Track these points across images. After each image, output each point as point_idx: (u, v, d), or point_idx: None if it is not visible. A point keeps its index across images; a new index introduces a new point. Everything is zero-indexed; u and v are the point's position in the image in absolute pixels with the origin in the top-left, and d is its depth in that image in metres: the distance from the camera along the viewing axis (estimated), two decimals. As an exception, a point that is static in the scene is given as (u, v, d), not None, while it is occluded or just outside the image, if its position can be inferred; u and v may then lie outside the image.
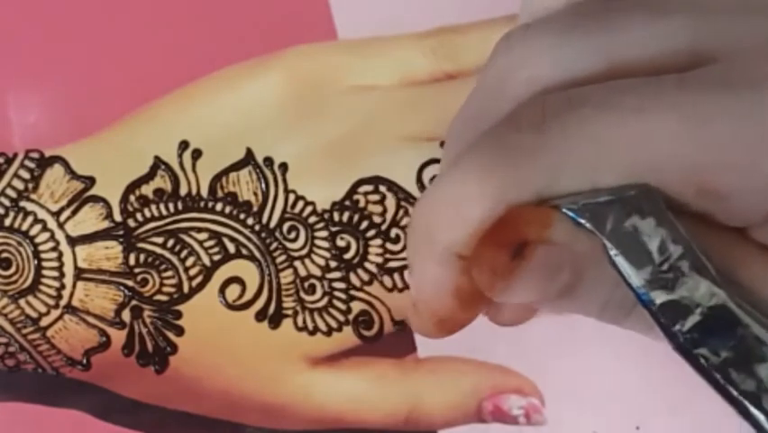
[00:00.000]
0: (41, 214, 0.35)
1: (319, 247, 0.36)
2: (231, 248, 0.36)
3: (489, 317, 0.28)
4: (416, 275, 0.26)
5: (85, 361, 0.35)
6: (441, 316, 0.27)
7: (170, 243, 0.35)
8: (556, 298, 0.25)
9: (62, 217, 0.35)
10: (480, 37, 0.39)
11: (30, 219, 0.35)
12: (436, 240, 0.25)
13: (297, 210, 0.36)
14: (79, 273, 0.35)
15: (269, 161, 0.36)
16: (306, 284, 0.36)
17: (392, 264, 0.36)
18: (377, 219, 0.36)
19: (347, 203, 0.36)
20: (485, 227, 0.24)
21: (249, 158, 0.36)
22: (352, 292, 0.36)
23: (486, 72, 0.26)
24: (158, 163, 0.36)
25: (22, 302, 0.35)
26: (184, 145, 0.36)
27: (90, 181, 0.35)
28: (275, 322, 0.36)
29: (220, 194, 0.36)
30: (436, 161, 0.36)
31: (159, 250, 0.35)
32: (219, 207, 0.36)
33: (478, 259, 0.25)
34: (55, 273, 0.35)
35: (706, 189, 0.23)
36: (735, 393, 0.23)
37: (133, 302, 0.35)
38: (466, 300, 0.26)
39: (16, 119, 0.40)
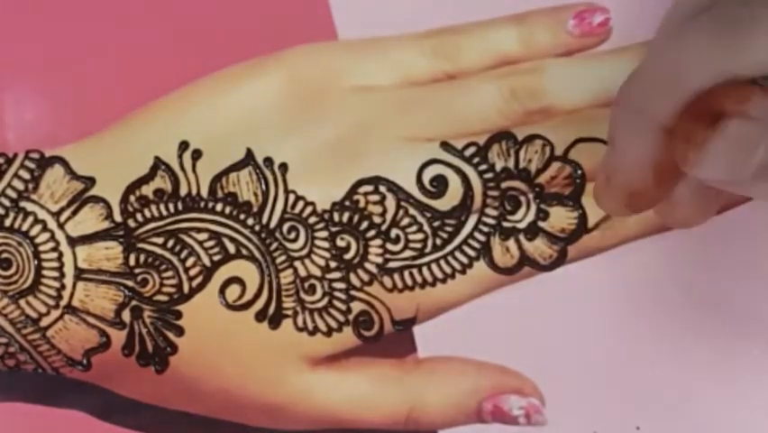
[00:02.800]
0: (42, 214, 0.35)
1: (319, 247, 0.36)
2: (231, 248, 0.36)
3: (662, 216, 0.29)
4: (618, 147, 0.27)
5: (85, 361, 0.35)
6: (635, 190, 0.27)
7: (170, 243, 0.35)
8: (751, 178, 0.25)
9: (62, 218, 0.35)
10: (480, 37, 0.39)
11: (30, 219, 0.35)
12: (647, 110, 0.26)
13: (297, 210, 0.36)
14: (79, 274, 0.35)
15: (269, 161, 0.36)
16: (306, 284, 0.36)
17: (392, 264, 0.36)
18: (377, 219, 0.36)
19: (347, 203, 0.36)
20: (693, 98, 0.25)
21: (249, 158, 0.36)
22: (352, 292, 0.36)
23: None
24: (158, 164, 0.36)
25: (22, 302, 0.35)
26: (184, 146, 0.36)
27: (90, 182, 0.35)
28: (275, 322, 0.36)
29: (220, 194, 0.36)
30: (436, 161, 0.37)
31: (159, 250, 0.35)
32: (219, 207, 0.36)
33: (676, 128, 0.25)
34: (55, 274, 0.35)
35: None
36: None
37: (133, 302, 0.35)
38: (662, 175, 0.27)
39: (14, 118, 0.40)
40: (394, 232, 0.36)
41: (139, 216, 0.35)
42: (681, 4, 0.27)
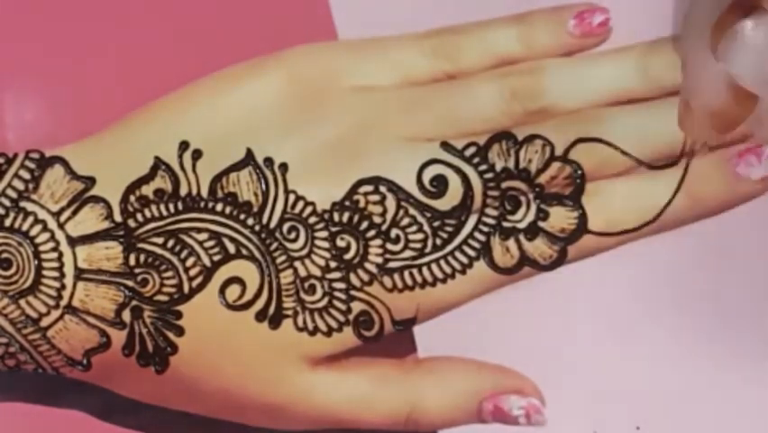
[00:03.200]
0: (42, 214, 0.35)
1: (319, 247, 0.36)
2: (231, 248, 0.36)
3: (756, 135, 0.28)
4: (691, 69, 0.27)
5: (85, 361, 0.35)
6: (715, 110, 0.27)
7: (170, 243, 0.35)
8: None
9: (62, 218, 0.35)
10: (481, 37, 0.39)
11: (30, 219, 0.35)
12: (707, 29, 0.25)
13: (297, 210, 0.36)
14: (80, 274, 0.35)
15: (269, 161, 0.36)
16: (307, 284, 0.36)
17: (392, 264, 0.36)
18: (377, 219, 0.36)
19: (347, 203, 0.36)
20: None
21: (249, 158, 0.36)
22: (352, 292, 0.36)
23: None
24: (158, 164, 0.36)
25: (22, 302, 0.35)
26: (184, 146, 0.36)
27: (90, 182, 0.35)
28: (275, 322, 0.36)
29: (220, 194, 0.36)
30: (436, 161, 0.37)
31: (159, 250, 0.35)
32: (219, 207, 0.36)
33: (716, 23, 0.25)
34: (55, 274, 0.35)
35: None
36: None
37: (134, 302, 0.35)
38: (740, 91, 0.26)
39: (14, 118, 0.40)
40: (394, 232, 0.36)
41: (139, 216, 0.35)
42: None
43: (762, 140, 0.29)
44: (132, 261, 0.35)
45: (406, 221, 0.36)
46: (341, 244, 0.36)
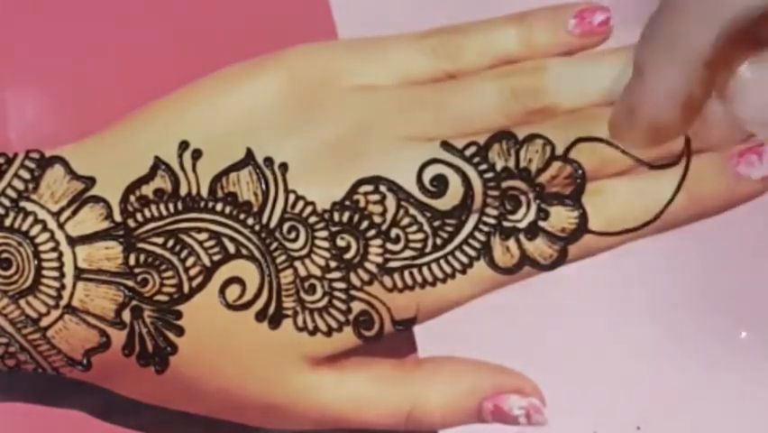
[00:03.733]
0: (42, 214, 0.35)
1: (319, 247, 0.36)
2: (231, 248, 0.36)
3: (697, 139, 0.28)
4: (648, 80, 0.26)
5: (85, 361, 0.35)
6: (660, 123, 0.26)
7: (170, 243, 0.35)
8: None
9: (62, 218, 0.35)
10: (481, 36, 0.39)
11: (30, 219, 0.35)
12: (685, 40, 0.25)
13: (297, 210, 0.36)
14: (79, 273, 0.35)
15: (269, 161, 0.36)
16: (307, 284, 0.36)
17: (392, 264, 0.36)
18: (377, 219, 0.36)
19: (347, 203, 0.36)
20: (736, 26, 0.24)
21: (249, 158, 0.36)
22: (352, 292, 0.36)
23: None
24: (158, 163, 0.36)
25: (22, 302, 0.34)
26: (184, 145, 0.36)
27: (90, 181, 0.35)
28: (275, 322, 0.36)
29: (220, 194, 0.36)
30: (436, 160, 0.36)
31: (159, 250, 0.35)
32: (219, 207, 0.36)
33: (716, 57, 0.25)
34: (55, 273, 0.35)
35: None
36: None
37: (134, 302, 0.35)
38: (690, 109, 0.26)
39: (15, 118, 0.40)
40: (394, 232, 0.36)
41: (139, 216, 0.35)
42: None
43: (707, 145, 0.29)
44: (132, 261, 0.35)
45: (406, 221, 0.36)
46: (341, 243, 0.36)
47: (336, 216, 0.36)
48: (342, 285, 0.36)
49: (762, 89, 0.24)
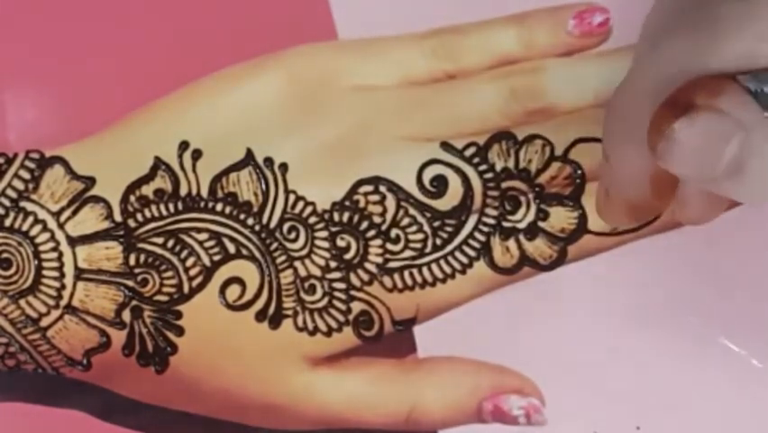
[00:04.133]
0: (42, 214, 0.35)
1: (319, 247, 0.36)
2: (231, 248, 0.36)
3: (676, 214, 0.29)
4: (612, 161, 0.27)
5: (85, 361, 0.35)
6: (634, 202, 0.27)
7: (170, 243, 0.35)
8: (723, 175, 0.25)
9: (62, 218, 0.35)
10: (480, 37, 0.39)
11: (30, 219, 0.35)
12: (633, 118, 0.25)
13: (297, 210, 0.36)
14: (80, 274, 0.35)
15: (269, 161, 0.36)
16: (307, 284, 0.36)
17: (392, 264, 0.36)
18: (377, 219, 0.36)
19: (347, 203, 0.36)
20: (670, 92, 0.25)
21: (249, 158, 0.36)
22: (352, 292, 0.36)
23: None
24: (158, 164, 0.36)
25: (22, 302, 0.35)
26: (184, 145, 0.36)
27: (90, 181, 0.35)
28: (275, 322, 0.36)
29: (220, 194, 0.36)
30: (436, 161, 0.36)
31: (159, 250, 0.35)
32: (219, 207, 0.36)
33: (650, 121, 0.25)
34: (55, 273, 0.35)
35: None
36: None
37: (134, 302, 0.35)
38: (660, 186, 0.27)
39: (14, 119, 0.40)
40: (394, 232, 0.36)
41: (139, 216, 0.35)
42: (657, 9, 0.27)
43: (683, 221, 0.29)
44: (132, 261, 0.35)
45: (406, 221, 0.36)
46: (341, 243, 0.36)
47: (336, 217, 0.36)
48: (342, 285, 0.36)
49: (693, 148, 0.25)
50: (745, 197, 0.25)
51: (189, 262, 0.35)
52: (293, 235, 0.36)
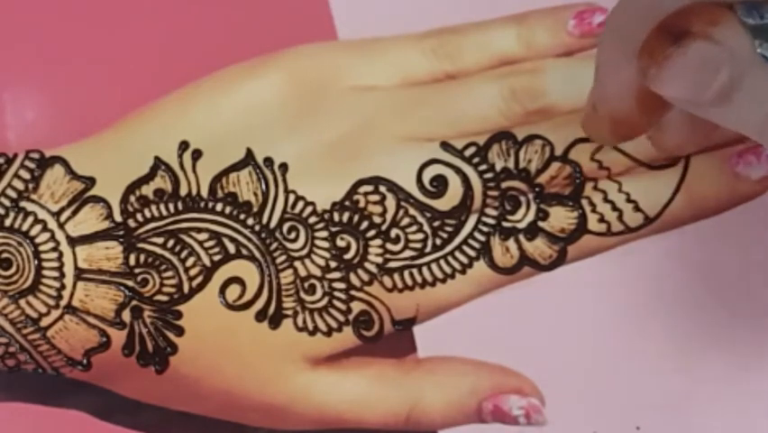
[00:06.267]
0: (42, 214, 0.35)
1: (319, 247, 0.36)
2: (231, 248, 0.36)
3: (652, 141, 0.29)
4: (601, 76, 0.28)
5: (85, 361, 0.35)
6: (619, 118, 0.28)
7: (170, 243, 0.35)
8: (713, 101, 0.25)
9: (62, 218, 0.35)
10: (481, 37, 0.39)
11: (30, 219, 0.35)
12: (627, 37, 0.26)
13: (297, 210, 0.36)
14: (80, 273, 0.35)
15: (269, 161, 0.36)
16: (306, 284, 0.36)
17: (392, 264, 0.36)
18: (377, 219, 0.36)
19: (347, 203, 0.36)
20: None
21: (249, 158, 0.36)
22: (352, 292, 0.36)
23: None
24: (158, 164, 0.36)
25: (22, 302, 0.35)
26: (184, 146, 0.36)
27: (90, 182, 0.35)
28: (275, 322, 0.36)
29: (220, 194, 0.36)
30: (436, 161, 0.37)
31: (159, 250, 0.35)
32: (219, 207, 0.36)
33: (643, 44, 0.26)
34: (55, 273, 0.35)
35: None
36: None
37: (134, 302, 0.35)
38: (645, 104, 0.27)
39: (14, 119, 0.40)
40: (394, 232, 0.36)
41: (139, 216, 0.35)
42: None
43: (662, 150, 0.29)
44: (132, 261, 0.35)
45: (406, 221, 0.36)
46: (341, 243, 0.36)
47: (336, 217, 0.36)
48: (341, 285, 0.36)
49: (683, 74, 0.25)
50: (731, 124, 0.26)
51: (189, 262, 0.35)
52: (293, 235, 0.36)
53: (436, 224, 0.36)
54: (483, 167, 0.37)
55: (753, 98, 0.25)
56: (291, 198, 0.36)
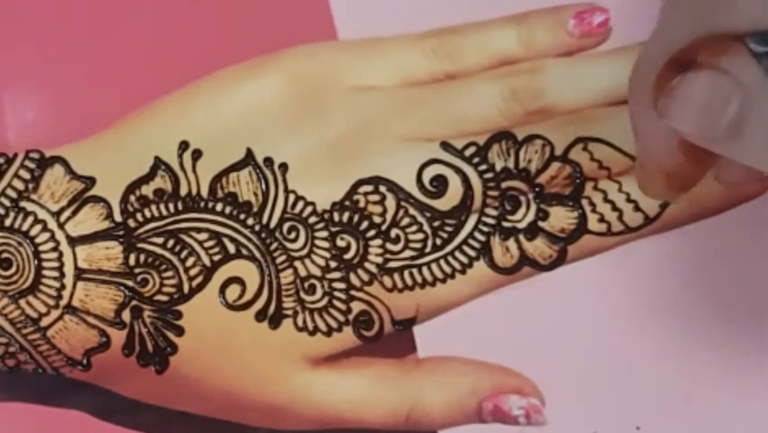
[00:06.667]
0: (42, 214, 0.35)
1: (319, 247, 0.36)
2: (231, 248, 0.36)
3: (720, 182, 0.28)
4: (639, 132, 0.27)
5: (85, 361, 0.35)
6: (669, 170, 0.27)
7: (170, 243, 0.35)
8: (725, 134, 0.25)
9: (62, 218, 0.35)
10: (481, 37, 0.39)
11: (30, 219, 0.35)
12: (649, 84, 0.25)
13: (297, 210, 0.36)
14: (80, 273, 0.35)
15: (269, 161, 0.36)
16: (306, 284, 0.36)
17: (392, 264, 0.36)
18: (377, 219, 0.36)
19: (347, 203, 0.36)
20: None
21: (249, 158, 0.36)
22: (352, 292, 0.36)
23: None
24: (158, 163, 0.36)
25: (22, 302, 0.35)
26: (184, 145, 0.36)
27: (90, 181, 0.35)
28: (275, 322, 0.36)
29: (220, 194, 0.36)
30: (436, 161, 0.37)
31: (159, 250, 0.35)
32: (219, 207, 0.36)
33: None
34: (55, 273, 0.35)
35: None
36: None
37: (134, 302, 0.35)
38: (694, 152, 0.26)
39: (13, 119, 0.40)
40: (394, 232, 0.36)
41: (139, 216, 0.35)
42: None
43: (729, 185, 0.29)
44: (132, 261, 0.35)
45: (406, 221, 0.36)
46: (341, 243, 0.36)
47: (336, 217, 0.36)
48: (341, 285, 0.36)
49: (699, 102, 0.25)
50: (745, 158, 0.26)
51: (189, 262, 0.35)
52: (293, 235, 0.36)
53: (436, 224, 0.36)
54: (483, 167, 0.37)
55: (765, 129, 0.25)
56: (291, 197, 0.36)
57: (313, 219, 0.36)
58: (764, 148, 0.25)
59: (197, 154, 0.36)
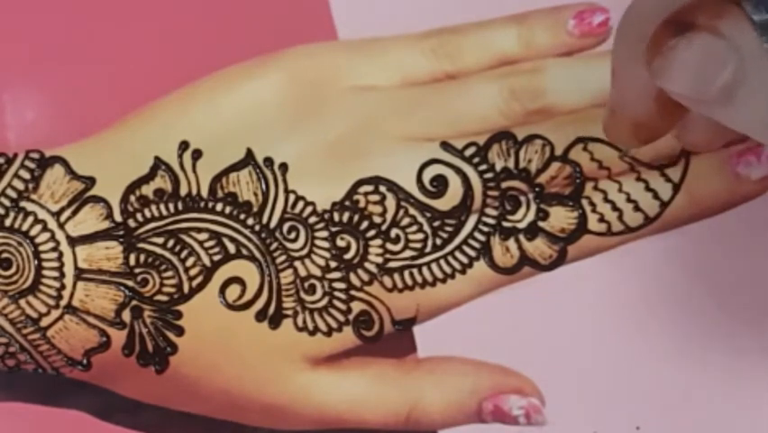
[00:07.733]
0: (42, 214, 0.35)
1: (319, 247, 0.36)
2: (231, 248, 0.36)
3: (679, 139, 0.29)
4: (618, 78, 0.27)
5: (85, 361, 0.35)
6: (639, 120, 0.27)
7: (171, 243, 0.35)
8: (717, 98, 0.25)
9: (63, 218, 0.35)
10: (481, 37, 0.39)
11: (30, 219, 0.35)
12: (642, 37, 0.25)
13: (297, 210, 0.36)
14: (80, 273, 0.35)
15: (269, 161, 0.36)
16: (307, 284, 0.36)
17: (392, 264, 0.36)
18: (377, 219, 0.36)
19: (347, 203, 0.36)
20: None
21: (249, 158, 0.36)
22: (352, 292, 0.36)
23: None
24: (158, 163, 0.36)
25: (22, 302, 0.35)
26: (184, 145, 0.36)
27: (90, 181, 0.35)
28: (275, 322, 0.36)
29: (220, 194, 0.36)
30: (436, 161, 0.37)
31: (159, 250, 0.35)
32: (219, 207, 0.36)
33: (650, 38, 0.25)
34: (55, 273, 0.35)
35: None
36: None
37: (134, 302, 0.35)
38: (665, 105, 0.27)
39: (13, 119, 0.40)
40: (394, 232, 0.36)
41: (139, 216, 0.35)
42: None
43: (687, 146, 0.29)
44: (132, 261, 0.35)
45: (406, 221, 0.36)
46: (341, 243, 0.36)
47: (336, 217, 0.36)
48: (342, 285, 0.36)
49: (696, 66, 0.25)
50: (736, 124, 0.26)
51: (189, 262, 0.35)
52: (293, 235, 0.36)
53: (436, 224, 0.36)
54: (483, 167, 0.37)
55: (757, 95, 0.25)
56: (291, 197, 0.36)
57: (313, 219, 0.36)
58: (755, 114, 0.25)
59: (197, 154, 0.36)
